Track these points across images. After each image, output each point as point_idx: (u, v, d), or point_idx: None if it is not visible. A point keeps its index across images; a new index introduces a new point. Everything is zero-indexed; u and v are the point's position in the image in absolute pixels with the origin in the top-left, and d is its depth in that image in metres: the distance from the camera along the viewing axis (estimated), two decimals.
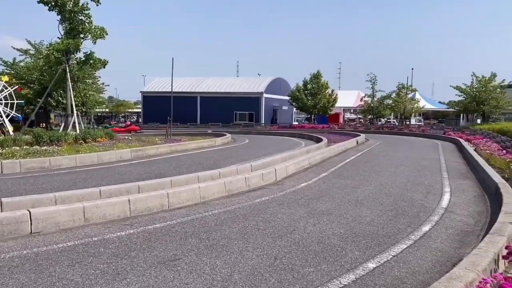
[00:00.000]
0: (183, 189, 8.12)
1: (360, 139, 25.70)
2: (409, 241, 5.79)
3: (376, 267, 4.79)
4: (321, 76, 49.65)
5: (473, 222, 6.96)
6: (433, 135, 33.15)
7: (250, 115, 52.61)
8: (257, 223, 6.59)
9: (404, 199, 8.62)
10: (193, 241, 5.67)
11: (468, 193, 9.49)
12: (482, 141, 20.37)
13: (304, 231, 6.19)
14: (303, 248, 5.42)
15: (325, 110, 49.84)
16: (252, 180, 9.82)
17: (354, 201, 8.34)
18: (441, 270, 4.69)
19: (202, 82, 57.11)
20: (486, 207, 8.17)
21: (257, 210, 7.53)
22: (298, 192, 9.32)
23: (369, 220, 6.91)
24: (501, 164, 12.21)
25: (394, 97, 49.56)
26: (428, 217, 7.16)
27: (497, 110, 42.06)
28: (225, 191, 8.85)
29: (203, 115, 52.84)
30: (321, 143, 21.63)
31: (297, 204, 8.00)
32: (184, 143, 21.01)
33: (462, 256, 5.10)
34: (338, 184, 10.33)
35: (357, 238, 5.86)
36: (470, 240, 5.92)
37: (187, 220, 6.82)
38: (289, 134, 35.54)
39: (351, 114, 71.77)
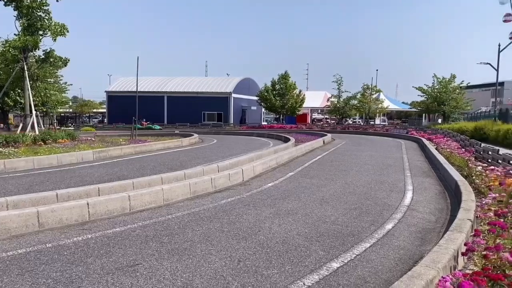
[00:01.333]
0: (146, 191, 7.86)
1: (326, 138, 26.05)
2: (372, 240, 5.82)
3: (340, 266, 4.77)
4: (289, 76, 50.12)
5: (434, 219, 7.11)
6: (397, 135, 34.07)
7: (219, 115, 52.34)
8: (222, 225, 6.46)
9: (368, 198, 8.72)
10: (154, 245, 5.47)
11: (430, 190, 9.73)
12: (443, 140, 21.08)
13: (269, 231, 6.11)
14: (267, 249, 5.34)
15: (293, 110, 50.33)
16: (218, 181, 9.66)
17: (319, 200, 8.35)
18: (403, 268, 4.72)
19: (169, 81, 56.28)
20: (446, 204, 8.38)
21: (222, 211, 7.39)
22: (265, 192, 9.25)
23: (333, 219, 6.92)
24: (460, 162, 12.64)
25: (359, 97, 50.70)
26: (391, 215, 7.26)
27: (456, 110, 43.80)
28: (190, 193, 8.65)
29: (171, 115, 52.07)
30: (289, 143, 21.74)
31: (263, 205, 7.92)
32: (150, 143, 20.56)
33: (423, 253, 5.17)
34: (305, 184, 10.35)
35: (321, 238, 5.84)
36: (431, 237, 6.03)
37: (149, 223, 6.59)
38: (257, 134, 35.57)
39: (319, 114, 72.79)
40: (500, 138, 22.84)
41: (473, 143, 16.28)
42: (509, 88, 74.92)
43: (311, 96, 61.09)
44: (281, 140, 26.96)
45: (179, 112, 51.09)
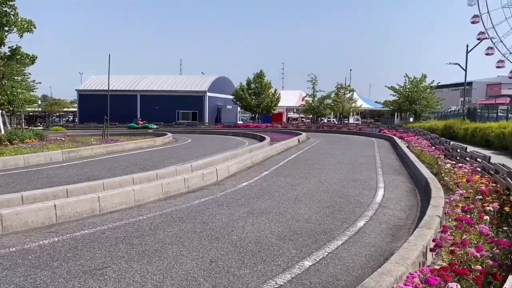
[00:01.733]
0: (116, 192, 7.68)
1: (301, 137, 26.23)
2: (344, 237, 5.87)
3: (312, 265, 4.78)
4: (264, 76, 50.18)
5: (404, 216, 7.24)
6: (370, 133, 34.68)
7: (194, 114, 51.88)
8: (194, 226, 6.37)
9: (341, 196, 8.81)
10: (124, 247, 5.33)
11: (401, 188, 9.92)
12: (414, 138, 21.58)
13: (242, 231, 6.07)
14: (240, 249, 5.30)
15: (268, 109, 50.43)
16: (191, 180, 9.55)
17: (293, 199, 8.37)
18: (374, 265, 4.78)
19: (143, 80, 55.38)
20: (416, 201, 8.56)
21: (195, 212, 7.29)
22: (239, 191, 9.20)
23: (307, 217, 6.95)
24: (430, 160, 12.95)
25: (334, 97, 51.29)
26: (363, 213, 7.35)
27: (427, 109, 44.93)
28: (162, 193, 8.51)
29: (144, 115, 51.19)
30: (264, 142, 21.77)
31: (237, 204, 7.87)
32: (122, 143, 20.14)
33: (394, 250, 5.25)
34: (279, 182, 10.36)
35: (294, 236, 5.85)
36: (401, 234, 6.13)
37: (119, 225, 6.43)
38: (233, 133, 35.47)
39: (294, 113, 73.29)
40: (468, 136, 23.58)
41: (442, 141, 16.72)
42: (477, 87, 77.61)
43: (286, 95, 61.38)
44: (257, 139, 26.97)
45: (152, 111, 50.34)
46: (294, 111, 71.72)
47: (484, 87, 78.59)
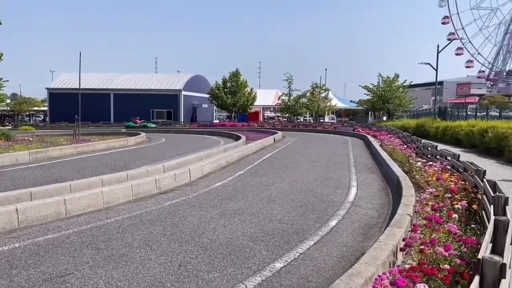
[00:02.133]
0: (84, 194, 7.40)
1: (277, 136, 26.25)
2: (316, 237, 5.83)
3: (283, 266, 4.70)
4: (240, 74, 50.04)
5: (376, 215, 7.28)
6: (344, 132, 35.07)
7: (169, 113, 51.19)
8: (164, 228, 6.20)
9: (314, 195, 8.79)
10: (89, 252, 5.12)
11: (373, 186, 10.00)
12: (387, 137, 21.91)
13: (213, 233, 5.95)
14: (210, 252, 5.17)
15: (245, 108, 50.34)
16: (163, 181, 9.34)
17: (266, 199, 8.30)
18: (346, 266, 4.75)
19: (116, 78, 54.24)
20: (388, 199, 8.64)
21: (165, 213, 7.11)
22: (212, 192, 9.06)
23: (280, 217, 6.88)
24: (402, 158, 13.14)
25: (309, 96, 51.67)
26: (336, 212, 7.35)
27: (400, 108, 45.85)
28: (132, 195, 8.27)
29: (117, 114, 50.21)
30: (240, 141, 21.65)
31: (209, 205, 7.73)
32: (93, 143, 19.60)
33: (365, 249, 5.23)
34: (253, 182, 10.27)
35: (266, 237, 5.77)
36: (373, 233, 6.14)
37: (86, 228, 6.19)
38: (208, 133, 35.19)
39: (271, 112, 73.42)
40: (439, 135, 24.16)
41: (414, 139, 17.01)
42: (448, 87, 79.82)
43: (263, 94, 61.40)
44: (232, 138, 26.81)
45: (126, 110, 49.31)
46: (271, 110, 71.88)
47: (454, 86, 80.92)
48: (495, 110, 24.84)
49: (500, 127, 15.90)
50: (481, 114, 24.22)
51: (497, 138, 15.55)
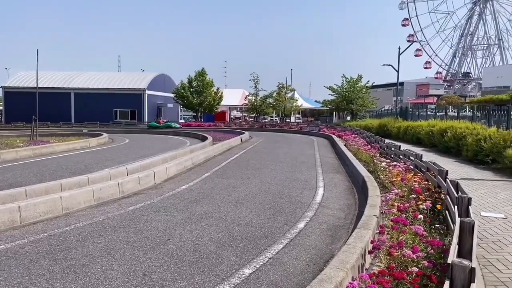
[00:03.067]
0: (41, 200, 7.00)
1: (244, 137, 26.15)
2: (285, 240, 5.77)
3: (252, 273, 4.60)
4: (206, 74, 49.57)
5: (343, 216, 7.32)
6: (310, 132, 35.48)
7: (132, 113, 49.91)
8: (128, 235, 5.94)
9: (282, 196, 8.76)
10: (46, 263, 4.81)
11: (339, 187, 10.10)
12: (351, 137, 22.30)
13: (179, 239, 5.76)
14: (176, 259, 4.99)
15: (211, 108, 49.93)
16: (126, 185, 9.01)
17: (234, 202, 8.17)
18: (315, 269, 4.71)
19: (77, 76, 52.34)
20: (354, 199, 8.73)
21: (129, 219, 6.84)
22: (178, 195, 8.83)
23: (248, 220, 6.78)
24: (366, 158, 13.37)
25: (275, 96, 51.95)
26: (304, 213, 7.33)
27: (363, 108, 46.98)
28: (94, 200, 7.92)
29: (79, 114, 48.44)
30: (206, 142, 21.39)
31: (175, 209, 7.51)
32: (52, 145, 18.76)
33: (334, 252, 5.23)
34: (220, 184, 10.12)
35: (234, 242, 5.64)
36: (341, 235, 6.16)
37: (43, 237, 5.83)
38: (174, 133, 34.61)
39: (238, 112, 73.27)
40: (401, 134, 24.88)
41: (377, 139, 17.40)
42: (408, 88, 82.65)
43: (229, 94, 61.12)
44: (199, 139, 26.48)
45: (88, 110, 47.70)
46: (238, 110, 71.72)
47: (414, 87, 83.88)
48: (453, 110, 25.84)
49: (458, 127, 16.53)
50: (440, 114, 25.13)
51: (455, 138, 16.16)
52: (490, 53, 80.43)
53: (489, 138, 13.38)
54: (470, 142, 14.44)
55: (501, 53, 78.53)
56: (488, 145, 13.18)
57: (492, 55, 79.99)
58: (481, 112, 20.15)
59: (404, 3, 75.95)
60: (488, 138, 13.43)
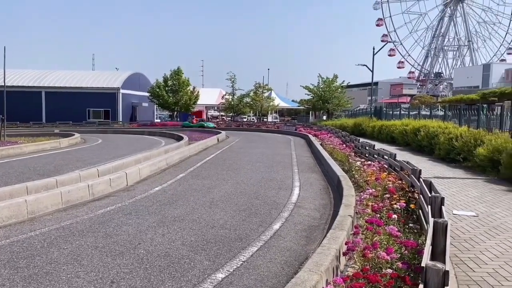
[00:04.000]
0: (4, 205, 6.64)
1: (221, 136, 25.96)
2: (260, 243, 5.66)
3: (225, 277, 4.47)
4: (182, 73, 49.08)
5: (318, 216, 7.28)
6: (287, 131, 35.60)
7: (106, 112, 48.89)
8: (96, 240, 5.71)
9: (258, 197, 8.65)
10: (6, 273, 4.54)
11: (315, 186, 10.08)
12: (327, 136, 22.44)
13: (151, 243, 5.57)
14: (147, 265, 4.81)
15: (187, 107, 49.47)
16: (97, 187, 8.71)
17: (209, 203, 8.02)
18: (289, 272, 4.63)
19: (48, 75, 50.87)
20: (330, 199, 8.72)
21: (98, 223, 6.59)
22: (150, 197, 8.60)
23: (222, 222, 6.64)
24: (342, 157, 13.43)
25: (252, 95, 51.93)
26: (279, 214, 7.25)
27: (339, 108, 47.54)
28: (62, 203, 7.60)
29: (50, 113, 47.05)
30: (182, 142, 21.10)
31: (147, 212, 7.30)
32: (20, 145, 18.07)
33: (309, 253, 5.16)
34: (195, 186, 9.93)
35: (208, 246, 5.50)
36: (316, 235, 6.10)
37: (4, 244, 5.53)
38: (149, 133, 34.06)
39: (215, 111, 72.90)
40: (375, 133, 25.23)
41: (352, 138, 17.54)
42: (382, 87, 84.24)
43: (206, 93, 60.75)
44: (174, 139, 26.10)
45: (60, 109, 46.38)
46: (215, 109, 71.36)
47: (388, 87, 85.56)
48: (426, 109, 26.41)
49: (431, 126, 16.85)
50: (413, 113, 25.61)
51: (428, 137, 16.47)
52: (460, 54, 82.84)
53: (460, 137, 13.68)
54: (442, 141, 14.73)
55: (471, 54, 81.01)
56: (460, 144, 13.48)
57: (463, 56, 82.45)
58: (453, 111, 20.65)
59: (378, 3, 77.32)
60: (459, 137, 13.73)
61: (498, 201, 8.04)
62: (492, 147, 11.28)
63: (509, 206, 7.61)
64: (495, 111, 17.03)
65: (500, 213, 7.10)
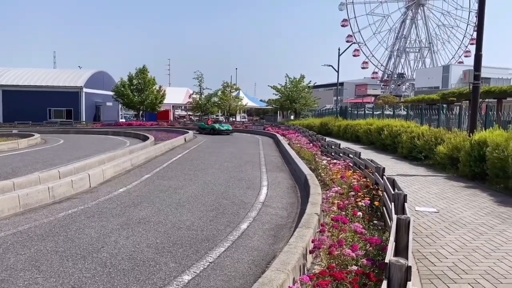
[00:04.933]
0: None
1: (188, 136, 25.66)
2: (227, 243, 5.62)
3: (191, 279, 4.40)
4: (148, 71, 48.06)
5: (286, 215, 7.31)
6: (255, 131, 35.66)
7: (68, 112, 47.19)
8: (57, 244, 5.48)
9: (226, 197, 8.60)
10: None
11: (283, 185, 10.13)
12: (294, 136, 22.65)
13: (114, 247, 5.40)
14: (110, 268, 4.66)
15: (153, 106, 48.51)
16: (58, 189, 8.38)
17: (175, 204, 7.88)
18: (257, 272, 4.61)
19: (5, 73, 48.51)
20: (297, 198, 8.78)
21: (59, 226, 6.33)
22: (114, 199, 8.36)
23: (189, 224, 6.54)
24: (309, 156, 13.59)
25: (220, 95, 51.64)
26: (247, 214, 7.23)
27: (306, 108, 48.06)
28: (20, 207, 7.26)
29: (8, 113, 44.92)
30: (147, 142, 20.69)
31: (110, 214, 7.08)
32: None
33: (276, 252, 5.17)
34: (161, 187, 9.75)
35: (174, 247, 5.40)
36: (283, 234, 6.12)
37: None
38: (113, 133, 33.18)
39: (182, 111, 71.99)
40: (341, 133, 25.70)
41: (319, 138, 17.78)
42: (347, 88, 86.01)
43: (173, 92, 59.84)
44: (140, 139, 25.56)
45: (18, 108, 44.33)
46: (182, 108, 70.45)
47: (353, 87, 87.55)
48: (389, 109, 27.18)
49: (394, 125, 17.34)
50: (377, 113, 26.31)
51: (391, 136, 16.93)
52: (421, 55, 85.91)
53: (422, 136, 14.15)
54: (405, 139, 15.19)
55: (432, 56, 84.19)
56: (421, 143, 13.94)
57: (424, 58, 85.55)
58: (415, 111, 21.35)
59: (344, 4, 78.95)
60: (421, 136, 14.20)
61: (457, 197, 8.36)
62: (452, 145, 11.73)
63: (467, 202, 7.94)
64: (454, 110, 17.77)
65: (459, 208, 7.39)
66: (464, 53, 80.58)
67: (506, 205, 7.72)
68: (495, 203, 7.86)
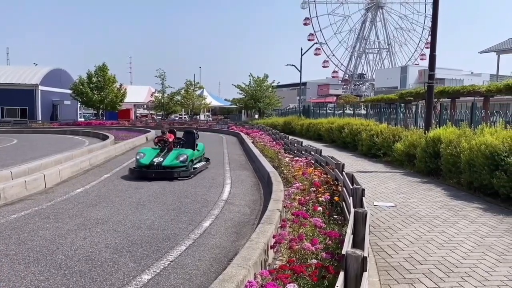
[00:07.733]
0: None
1: (150, 135, 25.15)
2: (189, 241, 5.55)
3: (151, 278, 4.31)
4: (108, 69, 46.67)
5: (249, 212, 7.32)
6: (219, 130, 35.51)
7: (23, 110, 45.08)
8: (8, 247, 5.20)
9: (188, 195, 8.50)
10: None
11: (246, 183, 10.14)
12: (258, 134, 22.73)
13: (71, 248, 5.20)
14: (66, 270, 4.48)
15: (113, 105, 47.21)
16: (10, 191, 7.97)
17: (135, 204, 7.70)
18: (218, 269, 4.58)
19: None
20: (260, 195, 8.82)
21: (10, 229, 6.02)
22: (72, 200, 8.05)
23: (149, 223, 6.41)
24: (272, 154, 13.69)
25: (183, 93, 51.00)
26: (209, 212, 7.18)
27: (270, 107, 48.43)
28: None
29: None
30: (107, 141, 20.10)
31: (67, 215, 6.81)
32: None
33: (238, 249, 5.15)
34: (121, 186, 9.49)
35: (133, 247, 5.26)
36: (246, 231, 6.13)
37: None
38: (71, 132, 32.02)
39: (144, 110, 70.52)
40: (304, 131, 26.08)
41: (282, 136, 17.96)
42: (310, 87, 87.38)
43: (135, 90, 58.47)
44: (99, 138, 24.80)
45: None
46: (144, 107, 69.02)
47: (316, 87, 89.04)
48: (350, 108, 27.86)
49: (354, 123, 17.79)
50: (338, 112, 26.90)
51: (352, 134, 17.36)
52: (380, 57, 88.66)
53: (380, 134, 14.61)
54: (365, 137, 15.62)
55: (390, 57, 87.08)
56: (380, 140, 14.38)
57: (382, 59, 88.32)
58: (374, 110, 22.00)
59: (306, 2, 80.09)
60: (380, 134, 14.65)
61: (413, 192, 8.69)
62: (408, 142, 12.18)
63: (423, 197, 8.26)
64: (411, 109, 18.44)
65: (415, 203, 7.69)
66: (420, 56, 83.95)
67: (458, 199, 8.10)
68: (448, 197, 8.23)
